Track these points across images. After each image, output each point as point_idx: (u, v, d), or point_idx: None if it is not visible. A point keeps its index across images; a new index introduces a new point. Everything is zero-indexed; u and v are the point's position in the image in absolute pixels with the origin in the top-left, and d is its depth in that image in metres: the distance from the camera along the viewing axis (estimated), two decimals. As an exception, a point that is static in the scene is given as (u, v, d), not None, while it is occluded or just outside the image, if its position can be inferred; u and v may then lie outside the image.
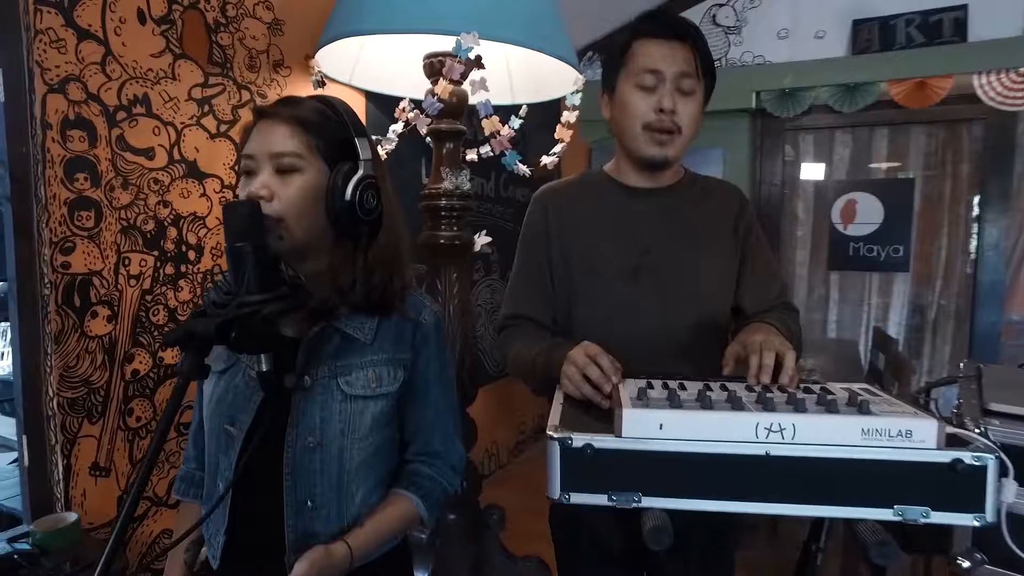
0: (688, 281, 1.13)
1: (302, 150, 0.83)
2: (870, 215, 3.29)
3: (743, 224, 1.18)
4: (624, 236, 1.15)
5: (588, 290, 1.15)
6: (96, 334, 1.37)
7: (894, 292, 3.39)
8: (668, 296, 1.12)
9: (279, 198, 0.81)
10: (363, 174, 0.84)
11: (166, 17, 1.47)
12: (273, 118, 0.84)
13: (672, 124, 1.08)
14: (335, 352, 0.87)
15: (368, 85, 1.97)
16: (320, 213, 0.84)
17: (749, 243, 1.18)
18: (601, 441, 0.71)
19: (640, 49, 1.09)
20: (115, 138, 1.39)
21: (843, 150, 3.45)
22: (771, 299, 1.17)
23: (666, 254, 1.13)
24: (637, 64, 1.09)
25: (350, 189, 0.83)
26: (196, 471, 0.98)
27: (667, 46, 1.07)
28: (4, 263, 1.29)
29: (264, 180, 0.82)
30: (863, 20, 3.12)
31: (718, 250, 1.16)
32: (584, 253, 1.16)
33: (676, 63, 1.07)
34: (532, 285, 1.22)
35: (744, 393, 0.77)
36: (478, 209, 2.91)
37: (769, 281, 1.19)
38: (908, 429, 0.68)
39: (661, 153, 1.10)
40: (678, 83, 1.07)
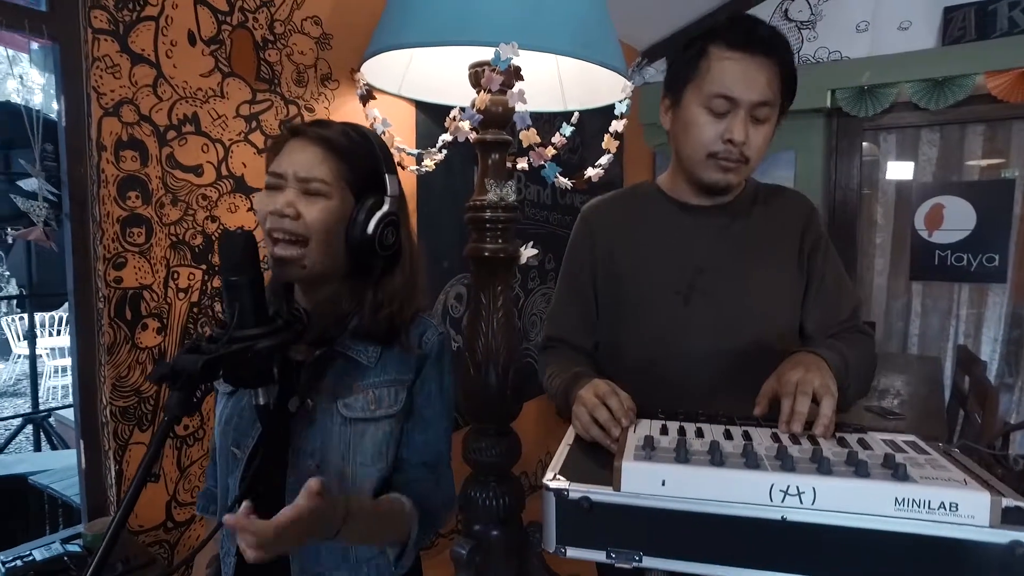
0: (745, 301, 1.04)
1: (330, 178, 0.83)
2: (959, 220, 3.01)
3: (810, 237, 1.07)
4: (676, 255, 1.07)
5: (636, 313, 1.09)
6: (146, 345, 1.43)
7: (988, 305, 3.10)
8: (723, 318, 1.04)
9: (304, 220, 0.82)
10: (387, 210, 0.85)
11: (215, 38, 1.52)
12: (305, 138, 0.84)
13: (740, 155, 0.98)
14: (337, 375, 0.86)
15: (418, 95, 1.98)
16: (340, 242, 0.84)
17: (817, 258, 1.07)
18: (599, 494, 0.66)
19: (716, 65, 0.97)
20: (165, 156, 1.44)
21: (930, 150, 3.17)
22: (841, 320, 1.06)
23: (721, 273, 1.05)
24: (710, 83, 0.97)
25: (372, 224, 0.83)
26: (214, 488, 1.01)
27: (746, 65, 0.95)
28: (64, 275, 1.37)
29: (290, 199, 0.82)
30: (956, 6, 2.86)
31: (780, 267, 1.06)
32: (633, 274, 1.10)
33: (754, 90, 0.95)
34: (573, 308, 1.18)
35: (764, 446, 0.70)
36: (534, 217, 2.87)
37: (839, 300, 1.07)
38: (953, 502, 0.59)
39: (724, 179, 1.02)
40: (753, 111, 0.96)
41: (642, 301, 1.08)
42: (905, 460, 0.65)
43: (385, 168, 0.86)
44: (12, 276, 6.22)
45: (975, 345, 3.13)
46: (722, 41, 0.97)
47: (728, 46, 0.96)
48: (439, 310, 2.30)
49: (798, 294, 1.07)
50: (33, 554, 1.23)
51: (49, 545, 1.29)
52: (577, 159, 2.96)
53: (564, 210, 3.07)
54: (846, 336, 1.03)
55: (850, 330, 1.05)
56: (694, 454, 0.67)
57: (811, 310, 1.06)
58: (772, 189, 1.14)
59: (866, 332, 1.08)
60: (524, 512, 2.05)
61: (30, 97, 1.42)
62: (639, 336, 1.08)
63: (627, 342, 1.10)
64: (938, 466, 0.66)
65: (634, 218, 1.13)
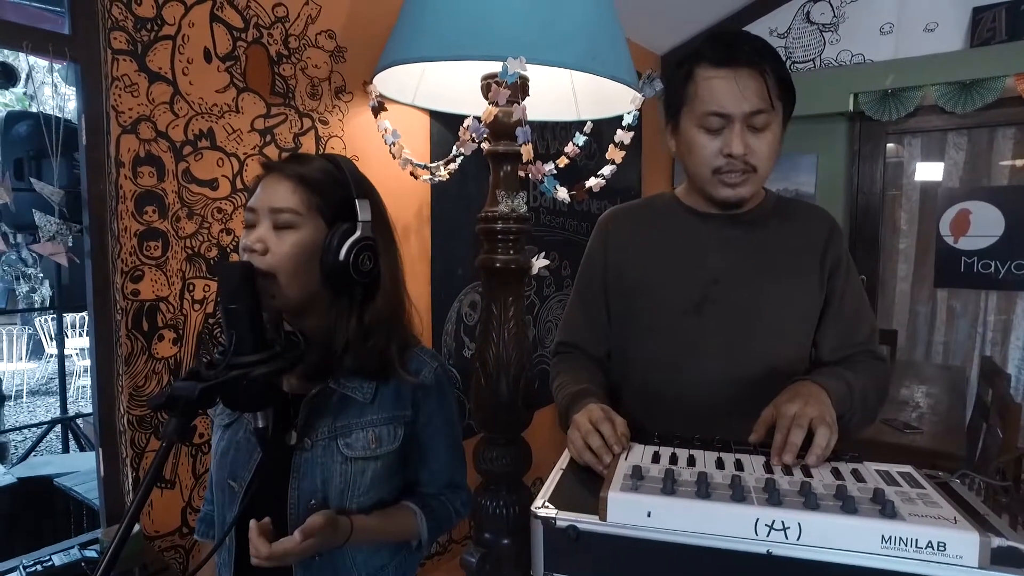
0: (759, 315, 1.03)
1: (300, 208, 0.84)
2: (987, 227, 2.93)
3: (831, 255, 1.06)
4: (690, 265, 1.06)
5: (647, 324, 1.08)
6: (162, 356, 1.46)
7: (1017, 313, 3.02)
8: (736, 332, 1.02)
9: (272, 253, 0.82)
10: (360, 235, 0.84)
11: (230, 54, 1.55)
12: (279, 173, 0.85)
13: (744, 166, 0.98)
14: (335, 413, 0.87)
15: (432, 104, 1.99)
16: (315, 271, 0.84)
17: (837, 278, 1.05)
18: (586, 524, 0.66)
19: (703, 85, 0.97)
20: (181, 171, 1.47)
21: (956, 154, 3.10)
22: (854, 344, 1.05)
23: (736, 285, 1.03)
24: (701, 104, 0.97)
25: (344, 250, 0.83)
26: (213, 512, 1.02)
27: (732, 79, 0.95)
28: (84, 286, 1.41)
29: (260, 234, 0.83)
30: (986, 7, 2.78)
31: (798, 283, 1.05)
32: (645, 284, 1.09)
33: (745, 101, 0.95)
34: (586, 315, 1.18)
35: (754, 477, 0.70)
36: (550, 224, 2.87)
37: (856, 324, 1.06)
38: (941, 541, 0.58)
39: (735, 195, 1.01)
40: (749, 121, 0.96)
41: (655, 310, 1.08)
42: (895, 495, 0.64)
43: (356, 193, 0.86)
44: (45, 278, 6.40)
45: (1002, 354, 3.05)
46: (706, 61, 0.97)
47: (712, 64, 0.97)
48: (453, 317, 2.32)
49: (814, 311, 1.05)
50: (52, 559, 1.28)
51: (68, 550, 1.33)
52: (594, 165, 2.95)
53: (580, 216, 3.07)
54: (859, 361, 1.02)
55: (864, 354, 1.04)
56: (681, 485, 0.67)
57: (827, 331, 1.05)
58: (793, 203, 1.12)
59: (880, 357, 1.06)
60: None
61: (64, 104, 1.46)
62: (651, 351, 1.08)
63: (637, 357, 1.10)
64: (930, 502, 0.65)
65: (649, 226, 1.13)
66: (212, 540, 1.01)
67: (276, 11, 1.63)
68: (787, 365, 1.01)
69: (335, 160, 0.90)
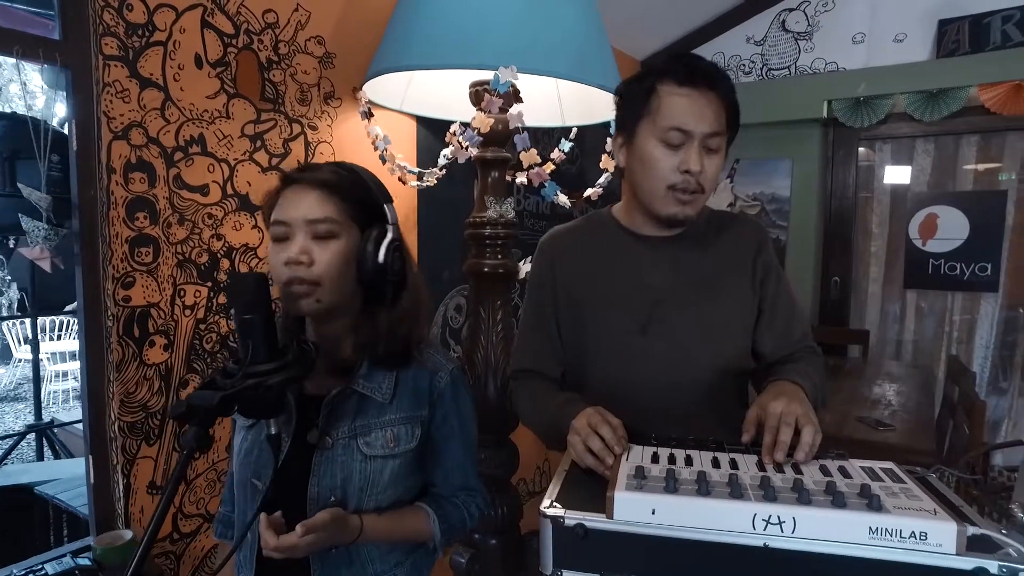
0: (701, 331, 1.09)
1: (337, 216, 0.87)
2: (953, 230, 3.05)
3: (761, 263, 1.12)
4: (634, 287, 1.11)
5: (599, 344, 1.13)
6: (153, 362, 1.46)
7: (980, 313, 3.14)
8: (681, 348, 1.08)
9: (318, 263, 0.85)
10: (392, 237, 0.88)
11: (221, 60, 1.55)
12: (302, 184, 0.88)
13: (697, 185, 1.02)
14: (354, 412, 0.90)
15: (419, 110, 2.02)
16: (352, 275, 0.88)
17: (768, 283, 1.12)
18: (594, 522, 0.70)
19: (666, 100, 1.01)
20: (172, 177, 1.48)
21: (924, 160, 3.22)
22: (793, 342, 1.12)
23: (678, 304, 1.09)
24: (663, 118, 1.01)
25: (382, 253, 0.86)
26: (231, 514, 1.04)
27: (696, 99, 1.00)
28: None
29: (303, 246, 0.85)
30: (951, 19, 2.90)
31: (734, 295, 1.11)
32: (593, 306, 1.13)
33: (706, 122, 1.00)
34: (539, 338, 1.21)
35: (749, 475, 0.74)
36: (533, 228, 2.91)
37: (791, 324, 1.12)
38: (923, 531, 0.63)
39: (683, 212, 1.05)
40: (705, 142, 1.01)
41: (602, 333, 1.12)
42: (880, 490, 0.69)
43: (382, 199, 0.90)
44: (13, 280, 6.25)
45: (967, 352, 3.17)
46: (670, 78, 1.01)
47: (676, 83, 1.01)
48: (439, 320, 2.34)
49: (750, 319, 1.11)
50: (45, 568, 1.27)
51: (60, 559, 1.33)
52: (576, 170, 3.00)
53: (563, 220, 3.10)
54: (801, 357, 1.08)
55: (803, 350, 1.10)
56: (682, 483, 0.71)
57: (765, 333, 1.11)
58: (724, 217, 1.17)
59: (816, 351, 1.13)
60: (522, 521, 2.09)
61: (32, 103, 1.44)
62: (602, 368, 1.12)
63: (592, 374, 1.14)
64: (912, 496, 0.69)
65: (592, 250, 1.16)
66: (231, 540, 1.03)
67: (266, 17, 1.64)
68: (731, 366, 1.08)
69: (349, 167, 0.93)
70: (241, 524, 0.94)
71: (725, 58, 3.41)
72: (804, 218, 3.25)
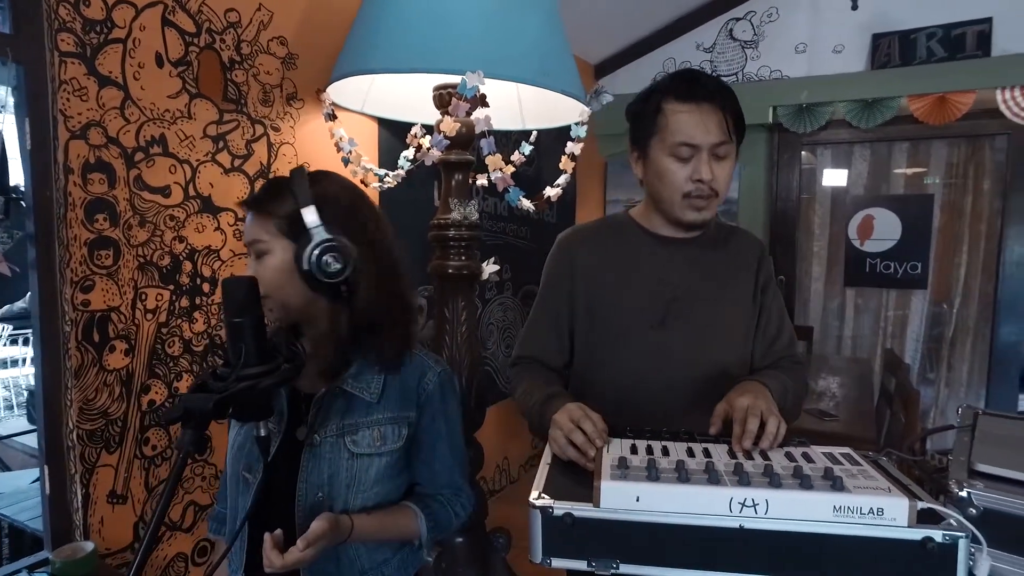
0: (714, 329, 1.16)
1: (266, 235, 0.91)
2: (888, 231, 3.25)
3: (763, 275, 1.21)
4: (652, 284, 1.17)
5: (615, 337, 1.18)
6: (114, 367, 1.42)
7: (911, 309, 3.35)
8: (695, 344, 1.14)
9: (261, 279, 0.86)
10: (316, 241, 0.88)
11: (183, 59, 1.52)
12: (248, 209, 0.94)
13: (710, 191, 1.09)
14: (342, 411, 0.92)
15: (380, 112, 2.02)
16: (299, 284, 0.90)
17: (767, 295, 1.21)
18: (581, 511, 0.73)
19: (672, 118, 1.08)
20: (133, 178, 1.44)
21: (861, 165, 3.41)
22: (778, 351, 1.20)
23: (693, 302, 1.16)
24: (671, 135, 1.08)
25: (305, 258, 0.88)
26: (225, 510, 1.06)
27: (699, 114, 1.06)
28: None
29: (250, 265, 0.93)
30: (883, 34, 3.08)
31: (741, 298, 1.19)
32: (611, 301, 1.19)
33: (711, 133, 1.06)
34: (548, 330, 1.25)
35: (723, 463, 0.79)
36: (491, 229, 2.94)
37: (780, 334, 1.21)
38: (880, 507, 0.69)
39: (700, 217, 1.13)
40: (713, 151, 1.08)
41: (621, 326, 1.17)
42: (841, 472, 0.75)
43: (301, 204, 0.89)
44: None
45: (900, 345, 3.38)
46: (673, 96, 1.09)
47: (679, 100, 1.08)
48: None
49: (752, 324, 1.19)
50: (2, 582, 1.23)
51: (16, 573, 1.28)
52: (533, 171, 3.04)
53: (520, 221, 3.16)
54: (785, 365, 1.17)
55: (787, 359, 1.19)
56: (663, 472, 0.76)
57: (758, 339, 1.20)
58: (729, 228, 1.26)
59: (799, 361, 1.22)
60: (490, 514, 2.12)
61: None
62: (618, 361, 1.17)
63: (607, 366, 1.18)
64: (868, 476, 0.76)
65: (612, 248, 1.22)
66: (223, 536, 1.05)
67: (228, 16, 1.62)
68: (735, 369, 1.15)
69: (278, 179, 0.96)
70: (234, 514, 0.96)
71: (676, 64, 3.52)
72: (751, 219, 3.40)
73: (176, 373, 1.54)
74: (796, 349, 1.23)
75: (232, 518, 0.98)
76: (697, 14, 3.43)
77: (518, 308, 3.25)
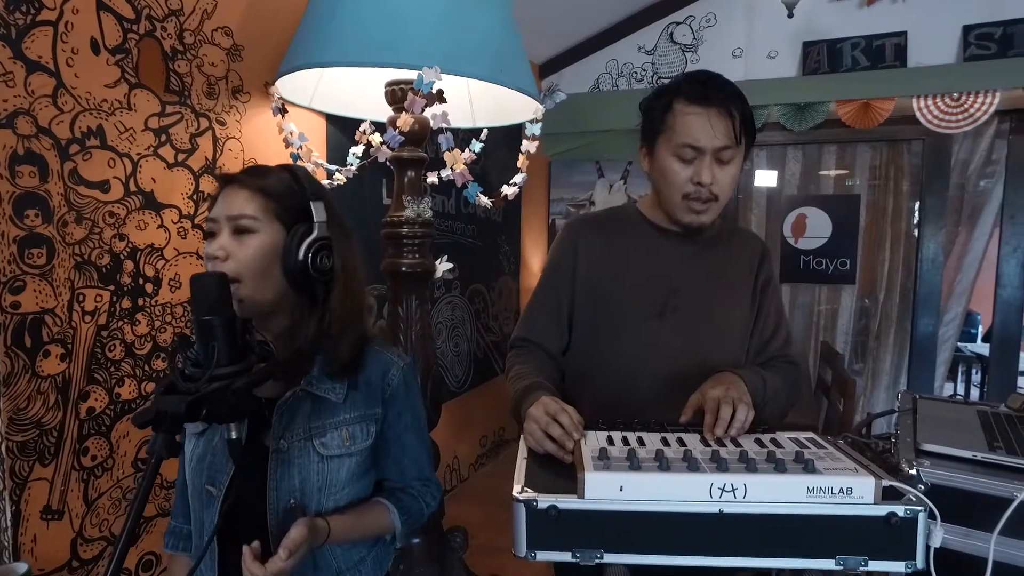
0: (713, 323, 1.17)
1: (258, 213, 0.86)
2: (820, 229, 3.42)
3: (764, 274, 1.23)
4: (653, 275, 1.18)
5: (615, 326, 1.18)
6: (48, 374, 1.33)
7: (841, 303, 3.54)
8: (693, 336, 1.16)
9: (234, 258, 0.84)
10: (317, 235, 0.87)
11: (121, 46, 1.44)
12: (236, 184, 0.87)
13: (710, 194, 1.10)
14: (309, 414, 0.89)
15: (329, 108, 1.97)
16: (277, 274, 0.87)
17: (767, 293, 1.22)
18: (565, 502, 0.74)
19: (680, 119, 1.08)
20: (68, 172, 1.35)
21: (794, 166, 3.57)
22: (773, 350, 1.22)
23: (693, 295, 1.17)
24: (677, 135, 1.08)
25: (303, 250, 0.86)
26: (183, 525, 1.00)
27: (707, 117, 1.07)
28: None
29: (221, 242, 0.85)
30: (813, 42, 3.24)
31: (740, 296, 1.21)
32: (612, 289, 1.19)
33: (716, 137, 1.07)
34: (548, 315, 1.26)
35: (700, 451, 0.81)
36: (439, 227, 2.92)
37: (776, 333, 1.23)
38: (849, 487, 0.73)
39: (697, 220, 1.14)
40: (717, 155, 1.08)
41: (620, 316, 1.18)
42: (811, 455, 0.79)
43: (311, 196, 0.89)
44: None
45: (831, 337, 3.56)
46: (683, 97, 1.09)
47: (689, 101, 1.08)
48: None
49: (750, 320, 1.21)
50: (-75, 610, 1.12)
51: (-60, 599, 1.18)
52: (479, 169, 3.04)
53: (467, 219, 3.15)
54: (776, 364, 1.19)
55: (780, 359, 1.22)
56: (644, 461, 0.77)
57: (753, 336, 1.22)
58: (732, 227, 1.29)
59: (794, 362, 1.24)
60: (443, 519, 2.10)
61: None
62: (618, 350, 1.18)
63: (605, 354, 1.19)
64: (835, 458, 0.80)
65: (617, 237, 1.23)
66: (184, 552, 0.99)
67: (170, 3, 1.54)
68: (729, 363, 1.16)
69: (288, 167, 0.92)
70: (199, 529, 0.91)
71: (619, 65, 3.59)
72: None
73: (118, 378, 1.46)
74: (791, 349, 1.25)
75: (198, 531, 0.93)
76: (639, 17, 3.51)
77: (466, 307, 3.24)
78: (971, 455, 0.97)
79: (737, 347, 1.20)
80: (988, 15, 2.93)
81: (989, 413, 1.18)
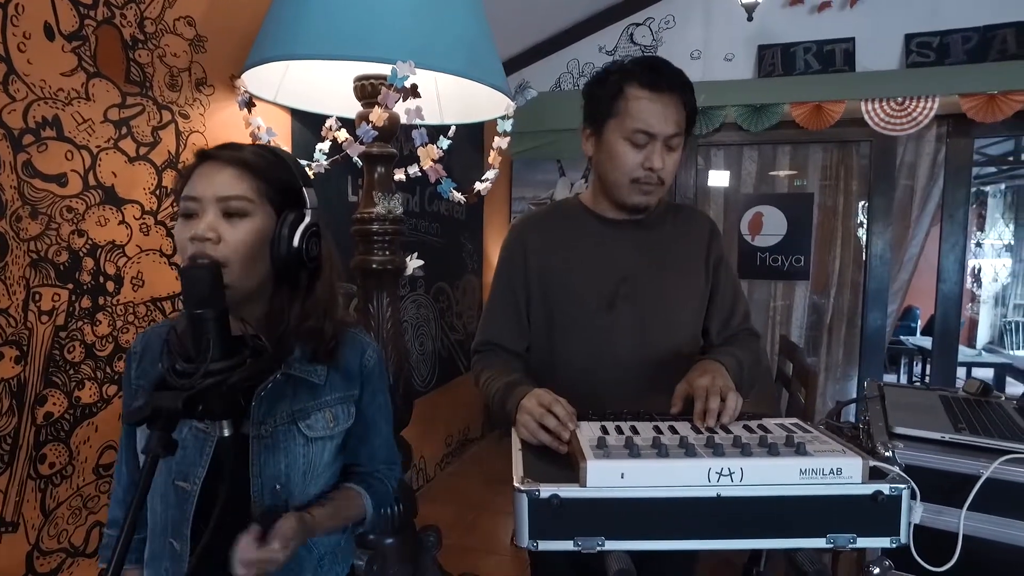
0: (664, 308, 1.18)
1: (251, 194, 0.83)
2: (775, 227, 3.53)
3: (714, 251, 1.23)
4: (601, 266, 1.19)
5: (567, 320, 1.19)
6: (2, 377, 1.26)
7: (796, 298, 3.67)
8: (645, 323, 1.17)
9: (226, 242, 0.80)
10: (310, 222, 0.85)
11: (77, 33, 1.37)
12: (218, 161, 0.83)
13: (658, 179, 1.11)
14: (291, 397, 0.88)
15: (294, 103, 1.92)
16: (264, 259, 0.84)
17: (720, 271, 1.23)
18: (567, 492, 0.74)
19: (633, 104, 1.08)
20: (21, 164, 1.28)
21: (751, 166, 3.68)
22: (735, 326, 1.24)
23: (642, 282, 1.18)
24: (630, 120, 1.08)
25: (297, 237, 0.83)
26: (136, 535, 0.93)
27: (660, 103, 1.07)
28: None
29: (211, 222, 0.80)
30: (767, 46, 3.34)
31: (691, 277, 1.21)
32: (562, 284, 1.20)
33: (669, 124, 1.08)
34: (506, 315, 1.25)
35: (695, 437, 0.83)
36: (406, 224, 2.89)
37: (735, 308, 1.25)
38: (839, 467, 0.75)
39: (645, 201, 1.15)
40: (667, 141, 1.09)
41: (572, 308, 1.19)
42: (801, 439, 0.81)
43: (301, 182, 0.87)
44: None
45: (787, 332, 3.68)
46: (636, 82, 1.09)
47: (642, 86, 1.09)
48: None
49: (704, 301, 1.23)
50: None
51: None
52: (443, 166, 3.02)
53: (432, 218, 3.12)
54: (740, 339, 1.21)
55: (743, 332, 1.24)
56: (642, 448, 0.78)
57: (713, 315, 1.23)
58: (682, 207, 1.30)
59: (755, 333, 1.27)
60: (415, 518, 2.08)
61: None
62: (570, 342, 1.19)
63: (559, 348, 1.20)
64: (822, 441, 0.83)
65: (562, 232, 1.23)
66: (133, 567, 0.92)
67: (129, -11, 1.48)
68: (686, 348, 1.18)
69: (272, 149, 0.90)
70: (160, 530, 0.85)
71: (580, 65, 3.63)
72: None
73: (77, 381, 1.39)
74: (750, 322, 1.27)
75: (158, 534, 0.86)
76: (599, 18, 3.55)
77: (431, 305, 3.21)
78: (940, 436, 1.02)
79: (691, 330, 1.22)
80: (927, 24, 3.08)
81: (950, 398, 1.24)
